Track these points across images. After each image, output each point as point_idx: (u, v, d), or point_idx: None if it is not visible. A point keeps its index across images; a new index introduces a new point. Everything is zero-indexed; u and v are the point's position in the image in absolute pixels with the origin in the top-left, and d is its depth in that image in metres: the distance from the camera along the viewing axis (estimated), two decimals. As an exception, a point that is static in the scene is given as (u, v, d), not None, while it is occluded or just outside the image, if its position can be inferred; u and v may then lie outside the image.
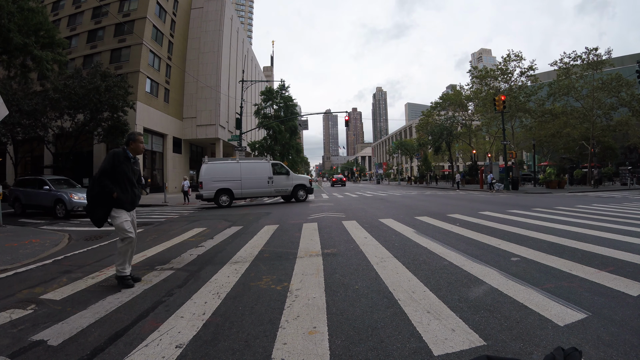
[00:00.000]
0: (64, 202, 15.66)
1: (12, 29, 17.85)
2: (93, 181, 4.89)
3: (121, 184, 4.92)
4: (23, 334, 3.23)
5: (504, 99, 30.53)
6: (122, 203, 4.93)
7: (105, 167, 4.86)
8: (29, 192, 17.68)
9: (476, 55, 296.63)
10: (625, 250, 5.63)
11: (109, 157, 4.91)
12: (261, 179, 20.57)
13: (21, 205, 17.91)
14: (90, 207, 4.93)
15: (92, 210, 4.92)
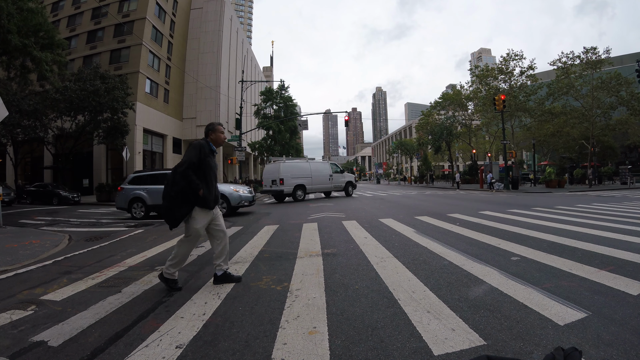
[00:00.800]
0: (227, 198, 14.05)
1: (11, 29, 17.84)
2: (175, 175, 4.39)
3: (207, 179, 4.51)
4: (23, 334, 3.23)
5: (503, 98, 30.53)
6: (206, 201, 4.48)
7: (191, 160, 4.38)
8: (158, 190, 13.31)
9: (476, 54, 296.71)
10: (625, 250, 5.63)
11: (196, 149, 4.47)
12: (325, 177, 23.92)
13: (145, 207, 14.54)
14: (171, 204, 4.38)
15: (173, 208, 4.39)
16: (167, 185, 4.43)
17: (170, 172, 4.52)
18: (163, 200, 4.46)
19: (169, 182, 4.42)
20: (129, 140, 33.47)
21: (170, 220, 4.42)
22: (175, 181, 4.36)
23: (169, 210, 4.41)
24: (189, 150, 4.46)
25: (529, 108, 38.49)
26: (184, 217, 4.45)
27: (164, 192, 4.46)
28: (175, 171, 4.41)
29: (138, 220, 13.58)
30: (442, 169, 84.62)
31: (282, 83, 52.13)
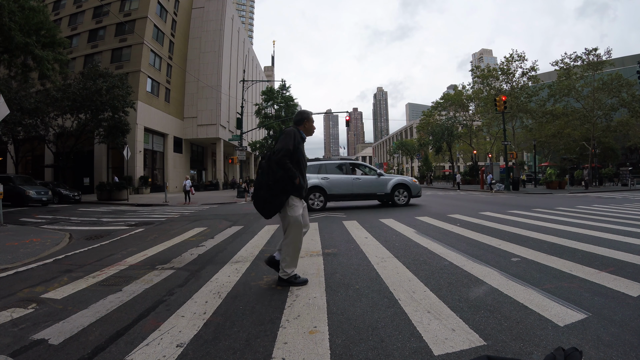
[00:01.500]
0: (409, 187, 15.36)
1: (13, 28, 17.86)
2: (270, 163, 4.29)
3: (300, 168, 4.37)
4: (24, 332, 3.23)
5: (504, 99, 30.51)
6: (300, 190, 4.34)
7: (287, 147, 4.22)
8: (342, 180, 15.03)
9: (477, 55, 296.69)
10: (626, 251, 5.63)
11: (290, 136, 4.31)
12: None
13: (324, 196, 14.71)
14: (269, 194, 4.27)
15: (271, 198, 4.27)
16: (262, 175, 4.34)
17: (267, 162, 4.41)
18: (258, 190, 4.38)
19: (264, 171, 4.33)
20: (130, 139, 33.50)
21: (267, 211, 4.36)
22: (272, 170, 4.26)
23: (265, 201, 4.32)
24: (283, 138, 4.32)
25: (530, 109, 38.48)
26: (281, 207, 4.35)
27: (258, 181, 4.38)
28: (270, 159, 4.32)
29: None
30: (442, 169, 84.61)
31: (283, 83, 52.17)
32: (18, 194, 22.13)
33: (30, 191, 22.29)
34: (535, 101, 38.90)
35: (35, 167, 38.97)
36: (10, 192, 21.61)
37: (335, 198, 15.29)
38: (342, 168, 15.71)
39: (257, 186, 4.38)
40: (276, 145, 4.29)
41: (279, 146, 4.24)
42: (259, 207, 4.39)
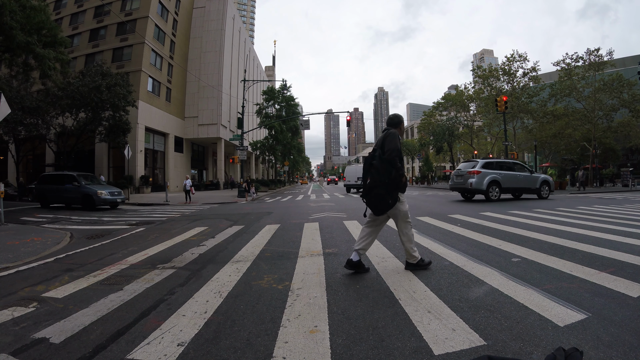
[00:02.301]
0: None
1: (14, 27, 17.87)
2: (383, 163, 4.59)
3: (402, 165, 4.74)
4: (25, 331, 3.24)
5: (505, 99, 30.48)
6: (405, 186, 4.77)
7: (398, 147, 4.62)
8: (511, 175, 18.18)
9: (478, 55, 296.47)
10: (626, 252, 5.63)
11: (396, 137, 4.69)
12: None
13: (500, 189, 17.68)
14: (386, 191, 4.56)
15: (387, 195, 4.58)
16: (376, 174, 4.60)
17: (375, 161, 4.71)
18: (373, 188, 4.63)
19: (379, 170, 4.60)
20: (131, 139, 33.52)
21: (383, 207, 4.64)
22: (386, 169, 4.55)
23: (382, 198, 4.59)
24: (390, 139, 4.62)
25: (531, 109, 38.46)
26: (395, 202, 4.65)
27: (373, 180, 4.64)
28: (378, 159, 4.65)
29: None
30: (443, 169, 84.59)
31: (284, 83, 52.17)
32: (87, 195, 18.69)
33: (102, 191, 18.80)
34: (536, 101, 38.87)
35: (36, 166, 39.02)
36: (75, 192, 19.06)
37: (505, 191, 18.07)
38: (506, 166, 18.66)
39: (372, 185, 4.63)
40: (385, 145, 4.60)
41: (389, 146, 4.56)
42: (374, 204, 4.69)
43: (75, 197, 19.26)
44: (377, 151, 4.73)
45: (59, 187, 19.82)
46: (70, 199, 19.62)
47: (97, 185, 19.83)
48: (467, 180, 17.68)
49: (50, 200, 20.30)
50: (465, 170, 18.14)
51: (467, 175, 17.82)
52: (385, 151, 4.57)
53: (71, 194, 19.35)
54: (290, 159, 61.55)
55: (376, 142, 4.99)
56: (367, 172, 4.78)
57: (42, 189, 20.44)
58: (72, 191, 19.26)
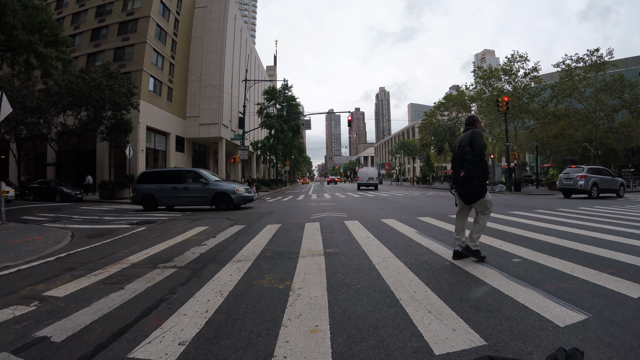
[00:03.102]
0: None
1: (16, 26, 17.90)
2: (475, 158, 5.17)
3: None
4: (26, 330, 3.25)
5: (507, 100, 30.46)
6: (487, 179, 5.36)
7: (485, 145, 5.27)
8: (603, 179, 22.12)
9: (479, 56, 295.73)
10: (627, 253, 5.63)
11: (481, 136, 5.29)
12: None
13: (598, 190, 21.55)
14: (480, 183, 5.16)
15: (481, 187, 5.19)
16: (471, 167, 5.15)
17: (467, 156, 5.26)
18: (469, 180, 5.18)
19: (472, 164, 5.16)
20: (132, 138, 33.53)
21: (476, 196, 5.23)
22: (477, 163, 5.16)
23: (477, 189, 5.17)
24: (477, 137, 5.22)
25: (532, 110, 38.42)
26: (486, 192, 5.27)
27: (468, 173, 5.16)
28: (469, 154, 5.19)
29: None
30: (444, 169, 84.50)
31: (285, 82, 52.16)
32: (222, 193, 16.69)
33: (239, 188, 17.11)
34: (538, 102, 38.84)
35: (37, 165, 39.04)
36: (203, 192, 16.84)
37: (601, 191, 21.76)
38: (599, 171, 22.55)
39: (467, 177, 5.17)
40: (474, 142, 5.19)
41: (478, 143, 5.18)
42: (469, 193, 5.26)
43: (202, 197, 16.92)
44: (465, 147, 5.24)
45: (175, 186, 17.16)
46: (194, 200, 17.13)
47: (224, 182, 18.09)
48: (577, 182, 21.34)
49: (163, 201, 17.44)
50: (575, 175, 21.78)
51: (576, 179, 21.50)
52: (474, 147, 5.16)
53: (197, 193, 16.90)
54: (291, 158, 61.55)
55: (459, 139, 5.51)
56: (460, 166, 5.27)
57: (149, 189, 17.46)
58: (198, 190, 16.89)
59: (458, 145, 5.45)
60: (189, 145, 49.16)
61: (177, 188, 17.15)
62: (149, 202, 17.42)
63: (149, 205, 17.45)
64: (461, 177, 5.23)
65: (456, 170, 5.37)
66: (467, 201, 5.34)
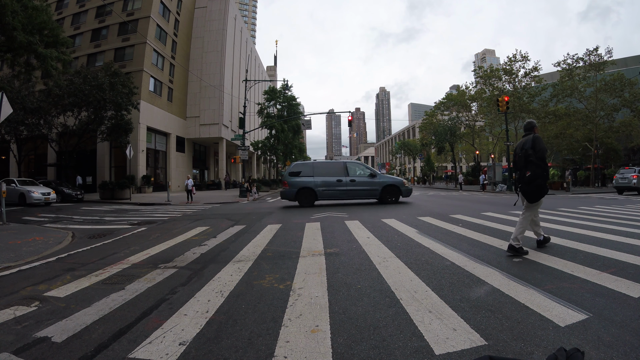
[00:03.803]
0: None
1: (16, 27, 17.92)
2: (539, 160, 5.68)
3: None
4: (27, 330, 3.25)
5: (507, 99, 30.45)
6: None
7: (545, 148, 5.81)
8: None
9: (480, 55, 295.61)
10: (627, 252, 5.62)
11: (541, 141, 5.80)
12: None
13: None
14: (543, 183, 5.70)
15: (544, 186, 5.72)
16: (536, 169, 5.67)
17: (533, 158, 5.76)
18: (534, 180, 5.67)
19: (537, 165, 5.68)
20: (133, 139, 33.56)
21: (540, 195, 5.75)
22: (540, 165, 5.67)
23: (541, 188, 5.70)
24: (539, 141, 5.75)
25: (532, 109, 38.41)
26: (546, 191, 5.78)
27: (534, 174, 5.67)
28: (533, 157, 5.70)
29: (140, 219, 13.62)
30: (445, 169, 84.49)
31: (285, 82, 52.10)
32: (391, 186, 16.84)
33: (405, 181, 17.41)
34: (538, 101, 38.84)
35: (38, 166, 39.06)
36: (374, 185, 16.64)
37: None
38: None
39: (533, 177, 5.66)
40: (536, 146, 5.71)
41: (540, 147, 5.71)
42: (535, 192, 5.74)
43: (370, 190, 16.81)
44: (528, 150, 5.74)
45: (341, 178, 16.68)
46: (362, 193, 16.88)
47: (388, 175, 18.42)
48: (632, 181, 23.94)
49: (324, 195, 16.79)
50: (629, 175, 24.32)
51: (630, 178, 24.13)
52: (537, 150, 5.67)
53: (365, 186, 16.77)
54: (291, 158, 61.45)
55: (521, 142, 6.02)
56: (525, 167, 5.78)
57: (306, 182, 16.65)
58: (366, 183, 16.77)
59: (520, 148, 5.95)
60: (190, 146, 49.19)
61: (343, 181, 16.56)
62: (307, 197, 16.62)
63: (305, 201, 16.64)
64: (527, 177, 5.71)
65: (521, 171, 5.89)
66: (531, 199, 5.78)
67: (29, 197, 20.91)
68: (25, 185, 22.04)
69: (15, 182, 21.90)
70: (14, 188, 21.15)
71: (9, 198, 19.40)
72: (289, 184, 16.64)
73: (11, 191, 20.24)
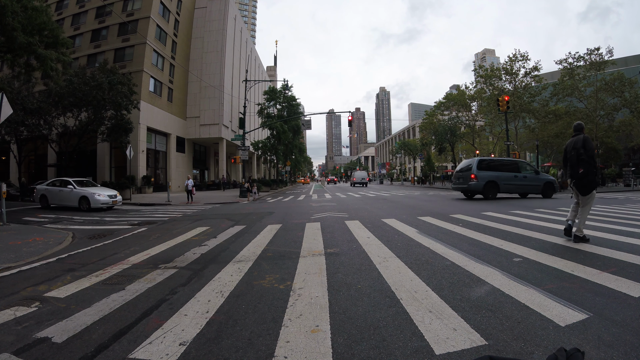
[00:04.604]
0: None
1: (16, 27, 17.90)
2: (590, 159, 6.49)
3: None
4: (27, 331, 3.26)
5: (507, 99, 30.44)
6: None
7: (594, 147, 6.63)
8: None
9: (480, 55, 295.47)
10: (628, 252, 5.62)
11: (591, 140, 6.62)
12: None
13: None
14: (595, 178, 6.53)
15: (595, 181, 6.57)
16: (588, 166, 6.49)
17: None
18: (586, 176, 6.51)
19: (587, 162, 6.49)
20: (133, 139, 33.56)
21: (592, 188, 6.62)
22: (591, 162, 6.48)
23: (594, 182, 6.56)
24: (588, 141, 6.58)
25: (532, 109, 38.42)
26: (597, 186, 6.69)
27: (587, 170, 6.49)
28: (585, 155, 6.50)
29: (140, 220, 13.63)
30: (445, 169, 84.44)
31: (285, 82, 52.12)
32: (548, 183, 19.59)
33: None
34: (538, 101, 38.87)
35: (38, 166, 39.08)
36: (535, 180, 19.25)
37: None
38: None
39: (586, 173, 6.50)
40: (587, 146, 6.53)
41: (590, 146, 6.55)
42: (587, 186, 6.60)
43: (535, 186, 19.20)
44: (580, 149, 6.54)
45: (516, 174, 18.88)
46: (530, 188, 19.21)
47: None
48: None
49: (504, 188, 18.75)
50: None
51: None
52: (587, 150, 6.49)
53: (532, 182, 19.09)
54: (292, 158, 61.52)
55: (572, 142, 6.80)
56: (578, 164, 6.57)
57: (490, 176, 18.49)
58: (533, 179, 19.11)
59: (572, 147, 6.75)
60: (190, 146, 49.21)
61: (518, 176, 18.73)
62: (492, 189, 18.43)
63: (491, 192, 18.48)
64: (581, 174, 6.54)
65: (574, 168, 6.65)
66: (583, 192, 6.65)
67: (94, 200, 18.05)
68: (86, 187, 19.25)
69: (72, 184, 19.07)
70: (72, 190, 18.64)
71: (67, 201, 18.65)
72: (478, 177, 18.44)
73: (67, 194, 18.67)
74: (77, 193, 18.51)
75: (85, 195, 18.27)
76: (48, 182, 20.77)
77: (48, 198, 19.42)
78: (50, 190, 19.51)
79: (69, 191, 18.75)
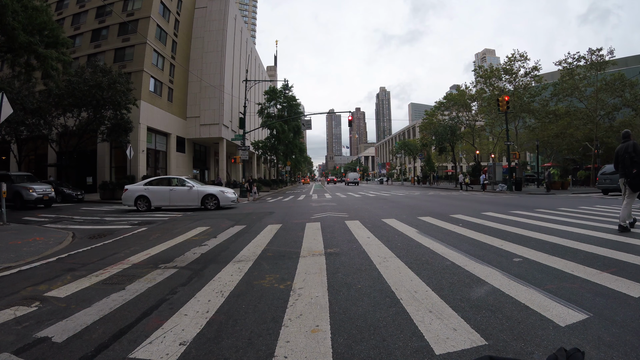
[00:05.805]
0: None
1: (16, 27, 17.90)
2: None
3: None
4: (27, 330, 3.25)
5: (507, 99, 30.44)
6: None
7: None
8: None
9: (480, 55, 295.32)
10: (628, 252, 5.62)
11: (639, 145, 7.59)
12: None
13: None
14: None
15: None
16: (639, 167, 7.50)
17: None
18: (638, 175, 7.47)
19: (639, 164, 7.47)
20: (133, 139, 33.53)
21: None
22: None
23: None
24: (637, 146, 7.53)
25: (533, 109, 38.41)
26: None
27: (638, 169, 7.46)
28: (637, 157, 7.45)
29: (141, 218, 13.63)
30: (445, 169, 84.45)
31: (285, 82, 52.10)
32: None
33: None
34: (538, 101, 38.87)
35: (38, 166, 39.05)
36: None
37: None
38: None
39: (638, 172, 7.47)
40: (637, 149, 7.50)
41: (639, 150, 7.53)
42: (638, 184, 7.58)
43: None
44: (632, 153, 7.50)
45: None
46: None
47: None
48: None
49: None
50: None
51: None
52: (638, 153, 7.45)
53: None
54: (292, 158, 61.51)
55: (624, 147, 7.72)
56: (632, 165, 7.52)
57: None
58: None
59: (624, 151, 7.67)
60: (190, 146, 49.18)
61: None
62: None
63: None
64: (634, 173, 7.50)
65: (628, 169, 7.57)
66: (635, 189, 7.61)
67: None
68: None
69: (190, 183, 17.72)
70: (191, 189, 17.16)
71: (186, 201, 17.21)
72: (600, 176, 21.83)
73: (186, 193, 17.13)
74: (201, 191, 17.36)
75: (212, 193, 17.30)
76: (147, 180, 18.63)
77: (150, 200, 17.08)
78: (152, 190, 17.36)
79: (187, 190, 17.35)
